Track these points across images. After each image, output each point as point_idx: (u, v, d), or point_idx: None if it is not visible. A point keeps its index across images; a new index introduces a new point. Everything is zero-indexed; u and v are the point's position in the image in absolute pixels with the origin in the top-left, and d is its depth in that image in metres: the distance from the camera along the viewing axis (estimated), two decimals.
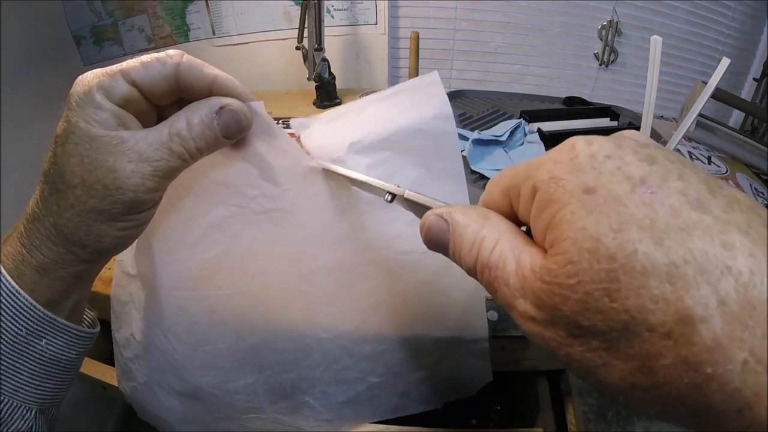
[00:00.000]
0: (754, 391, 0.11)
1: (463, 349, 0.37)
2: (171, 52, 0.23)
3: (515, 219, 0.18)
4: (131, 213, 0.23)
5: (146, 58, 0.23)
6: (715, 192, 0.13)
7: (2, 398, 0.24)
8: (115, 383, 0.43)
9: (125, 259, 0.37)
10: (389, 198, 0.25)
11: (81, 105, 0.22)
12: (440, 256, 0.22)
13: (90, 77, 0.22)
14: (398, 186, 0.24)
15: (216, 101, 0.24)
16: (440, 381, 0.37)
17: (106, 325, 0.38)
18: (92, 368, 0.46)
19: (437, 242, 0.19)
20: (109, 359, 0.46)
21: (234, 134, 0.25)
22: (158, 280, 0.31)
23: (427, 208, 0.22)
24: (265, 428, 0.36)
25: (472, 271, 0.18)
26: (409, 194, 0.24)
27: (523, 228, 0.18)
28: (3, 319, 0.23)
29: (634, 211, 0.13)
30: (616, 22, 0.98)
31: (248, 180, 0.29)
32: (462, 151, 0.66)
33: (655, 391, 0.13)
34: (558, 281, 0.14)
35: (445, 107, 0.31)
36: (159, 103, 0.25)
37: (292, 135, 0.31)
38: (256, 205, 0.30)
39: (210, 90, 0.24)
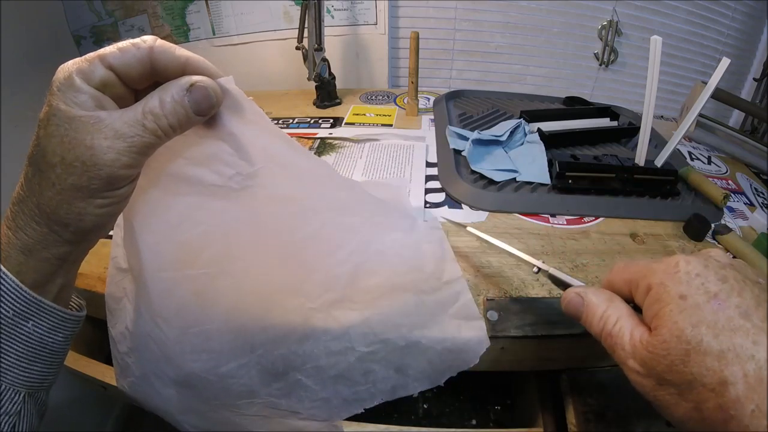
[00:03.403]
0: (757, 428, 0.19)
1: (449, 308, 0.37)
2: (146, 37, 0.25)
3: (630, 298, 0.27)
4: (109, 189, 0.24)
5: (122, 43, 0.25)
6: (759, 305, 0.21)
7: None
8: (115, 383, 0.43)
9: (119, 255, 0.37)
10: (536, 270, 0.35)
11: (61, 89, 0.23)
12: (407, 217, 0.37)
13: (70, 64, 0.24)
14: (543, 262, 0.35)
15: (186, 80, 0.25)
16: (435, 351, 0.37)
17: (105, 323, 0.38)
18: (92, 368, 0.46)
19: (573, 312, 0.28)
20: (109, 359, 0.46)
21: (205, 110, 0.26)
22: (143, 264, 0.31)
23: (564, 282, 0.32)
24: (261, 413, 0.36)
25: (597, 336, 0.27)
26: (553, 271, 0.33)
27: (630, 304, 0.27)
28: None
29: (706, 316, 0.22)
30: (616, 22, 0.98)
31: (224, 159, 0.30)
32: (462, 151, 0.66)
33: (701, 423, 0.21)
34: (656, 351, 0.22)
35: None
36: (135, 86, 0.26)
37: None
38: (233, 183, 0.30)
39: (183, 71, 0.25)
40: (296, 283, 0.34)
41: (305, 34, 0.80)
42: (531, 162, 0.64)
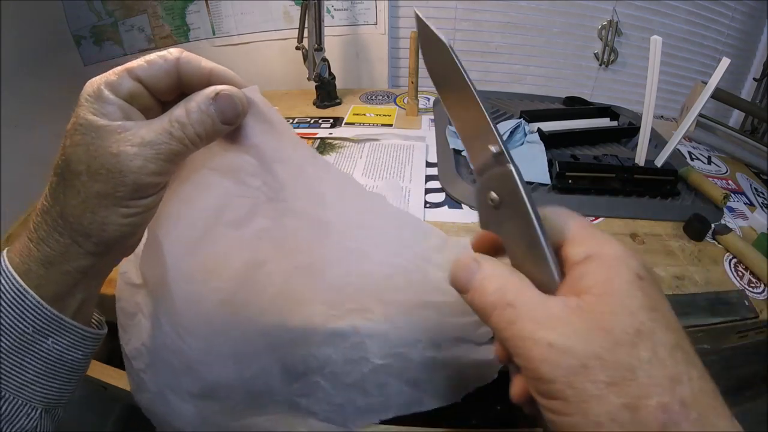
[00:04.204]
0: None
1: (473, 333, 0.36)
2: (172, 49, 0.25)
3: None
4: (134, 198, 0.24)
5: (150, 56, 0.25)
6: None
7: (7, 395, 0.24)
8: (115, 383, 0.43)
9: (129, 270, 0.37)
10: (495, 150, 0.22)
11: (89, 101, 0.23)
12: (436, 234, 0.32)
13: (98, 78, 0.24)
14: (516, 168, 0.21)
15: (212, 89, 0.25)
16: (452, 368, 0.37)
17: (108, 324, 0.38)
18: (92, 368, 0.46)
19: (462, 280, 0.22)
20: (109, 359, 0.46)
21: (230, 119, 0.26)
22: (168, 277, 0.31)
23: (523, 207, 0.21)
24: (280, 411, 0.36)
25: (488, 309, 0.21)
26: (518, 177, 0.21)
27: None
28: (10, 316, 0.23)
29: (661, 306, 0.19)
30: (616, 22, 0.98)
31: (250, 170, 0.30)
32: (462, 151, 0.66)
33: (629, 426, 0.17)
34: (601, 319, 0.18)
35: None
36: (163, 98, 0.26)
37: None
38: (260, 194, 0.31)
39: (208, 82, 0.26)
40: (318, 295, 0.34)
41: (305, 34, 0.80)
42: (531, 162, 0.64)
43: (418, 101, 0.83)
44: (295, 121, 0.82)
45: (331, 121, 0.82)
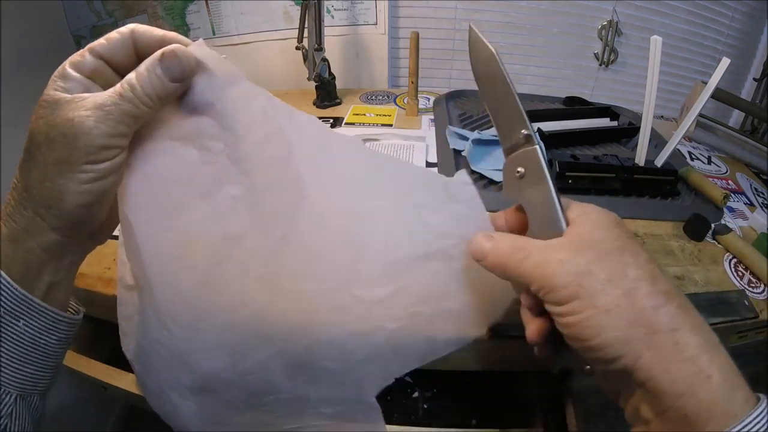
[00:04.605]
0: (679, 325, 0.22)
1: (481, 272, 0.32)
2: (129, 24, 0.27)
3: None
4: (89, 162, 0.24)
5: (109, 34, 0.27)
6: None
7: None
8: (115, 383, 0.43)
9: (125, 274, 0.35)
10: (526, 133, 0.31)
11: (55, 80, 0.25)
12: (424, 173, 0.32)
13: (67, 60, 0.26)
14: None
15: (159, 51, 0.26)
16: (464, 311, 0.33)
17: (108, 324, 0.38)
18: (92, 368, 0.46)
19: (479, 248, 0.28)
20: (109, 359, 0.46)
21: (177, 76, 0.26)
22: (144, 261, 0.29)
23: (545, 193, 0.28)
24: (290, 407, 0.34)
25: (504, 260, 0.26)
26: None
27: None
28: None
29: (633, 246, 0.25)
30: (616, 22, 0.98)
31: (211, 133, 0.29)
32: (462, 151, 0.66)
33: (626, 311, 0.22)
34: (590, 240, 0.25)
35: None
36: (124, 73, 0.27)
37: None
38: (223, 158, 0.29)
39: (161, 47, 0.27)
40: (308, 263, 0.31)
41: (305, 34, 0.80)
42: None
43: (418, 101, 0.83)
44: None
45: (331, 121, 0.82)
